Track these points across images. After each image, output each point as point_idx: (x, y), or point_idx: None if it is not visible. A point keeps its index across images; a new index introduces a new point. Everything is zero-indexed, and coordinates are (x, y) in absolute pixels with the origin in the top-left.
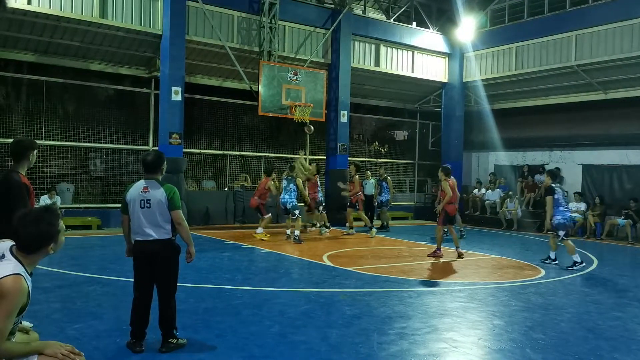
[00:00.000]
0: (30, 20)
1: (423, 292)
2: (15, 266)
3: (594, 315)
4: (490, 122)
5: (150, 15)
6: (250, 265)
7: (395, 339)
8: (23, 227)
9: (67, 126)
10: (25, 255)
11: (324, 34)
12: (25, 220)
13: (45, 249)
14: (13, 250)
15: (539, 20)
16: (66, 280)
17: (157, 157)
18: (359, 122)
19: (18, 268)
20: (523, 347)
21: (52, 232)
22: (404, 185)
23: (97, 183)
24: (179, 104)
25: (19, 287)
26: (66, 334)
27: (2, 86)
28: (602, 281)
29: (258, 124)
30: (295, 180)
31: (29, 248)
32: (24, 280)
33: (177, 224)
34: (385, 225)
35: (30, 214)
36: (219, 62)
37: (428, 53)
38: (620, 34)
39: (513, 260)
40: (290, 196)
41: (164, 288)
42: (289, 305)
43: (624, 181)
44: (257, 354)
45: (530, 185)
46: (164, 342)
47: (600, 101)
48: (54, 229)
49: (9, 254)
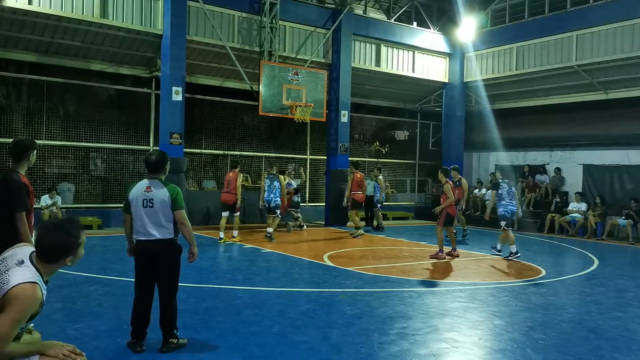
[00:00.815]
0: (31, 20)
1: (424, 292)
2: (32, 274)
3: (594, 316)
4: (490, 122)
5: (151, 15)
6: (251, 265)
7: (396, 339)
8: (44, 235)
9: (68, 126)
10: (44, 263)
11: (325, 34)
12: (46, 228)
13: (63, 260)
14: (33, 257)
15: (540, 20)
16: (67, 280)
17: (161, 157)
18: (360, 122)
19: (35, 276)
20: (524, 347)
21: (72, 243)
22: (405, 185)
23: (97, 183)
24: (179, 104)
25: (32, 296)
26: (67, 334)
27: (3, 86)
28: (602, 281)
29: (258, 124)
30: (278, 178)
31: (48, 257)
32: (39, 289)
33: (180, 224)
34: (379, 225)
35: (52, 222)
36: (220, 62)
37: (429, 53)
38: (621, 34)
39: (514, 260)
40: (275, 195)
41: (165, 288)
42: (290, 305)
43: (625, 181)
44: (258, 354)
45: (531, 186)
46: (164, 342)
47: (601, 101)
48: (75, 241)
49: (28, 261)
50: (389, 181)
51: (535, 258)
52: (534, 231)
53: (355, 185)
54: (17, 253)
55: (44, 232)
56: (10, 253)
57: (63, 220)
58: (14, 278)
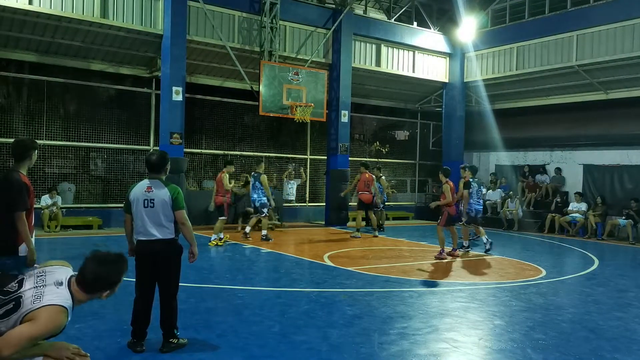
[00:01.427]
0: (32, 20)
1: (424, 292)
2: (66, 298)
3: (595, 316)
4: (491, 122)
5: (151, 15)
6: (252, 265)
7: (396, 339)
8: (93, 265)
9: (68, 126)
10: (81, 291)
11: (325, 34)
12: (98, 259)
13: (100, 293)
14: (72, 281)
15: (540, 20)
16: None
17: (162, 157)
18: (360, 122)
19: (67, 301)
20: (524, 347)
21: (117, 280)
22: (405, 185)
23: (98, 183)
24: (179, 104)
25: (58, 320)
26: (67, 334)
27: (4, 86)
28: (603, 281)
29: (259, 124)
30: (260, 177)
31: (89, 286)
32: (66, 315)
33: (180, 224)
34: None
35: (105, 255)
36: (220, 62)
37: (429, 53)
38: (622, 34)
39: (514, 260)
40: (258, 194)
41: (166, 288)
42: (290, 305)
43: (625, 181)
44: (258, 354)
45: (531, 185)
46: (164, 342)
47: (601, 101)
48: (119, 278)
49: (66, 284)
50: (389, 181)
51: (536, 258)
52: (534, 231)
53: (363, 185)
54: (57, 272)
55: (95, 262)
56: (50, 269)
57: (115, 255)
58: (48, 296)
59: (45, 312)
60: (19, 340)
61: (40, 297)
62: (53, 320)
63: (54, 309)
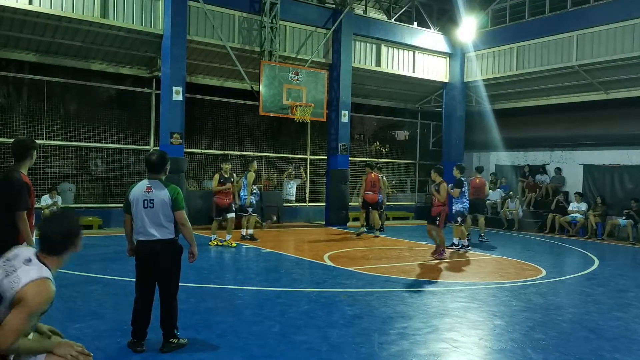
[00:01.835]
0: (32, 20)
1: (424, 292)
2: (41, 270)
3: (595, 316)
4: (491, 122)
5: (151, 15)
6: (252, 265)
7: (396, 339)
8: (50, 226)
9: (69, 126)
10: (51, 257)
11: (325, 34)
12: (51, 220)
13: (69, 249)
14: (38, 255)
15: (540, 20)
16: (67, 279)
17: (161, 157)
18: (360, 122)
19: (46, 272)
20: (524, 347)
21: (78, 229)
22: (405, 185)
23: (98, 183)
24: (180, 104)
25: (46, 291)
26: (67, 334)
27: (4, 86)
28: (603, 281)
29: (259, 124)
30: (246, 175)
31: (57, 247)
32: (51, 284)
33: (180, 225)
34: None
35: (54, 213)
36: (220, 62)
37: (429, 53)
38: (622, 34)
39: (514, 260)
40: (244, 192)
41: (166, 288)
42: (290, 305)
43: (625, 181)
44: (258, 354)
45: (531, 185)
46: (164, 342)
47: (601, 101)
48: (78, 226)
49: (35, 259)
50: (389, 181)
51: (536, 258)
52: (535, 231)
53: (369, 185)
54: (20, 253)
55: (50, 223)
56: (12, 254)
57: (61, 210)
58: (26, 275)
59: (29, 290)
60: (15, 325)
61: (17, 280)
62: (40, 292)
63: (37, 282)
